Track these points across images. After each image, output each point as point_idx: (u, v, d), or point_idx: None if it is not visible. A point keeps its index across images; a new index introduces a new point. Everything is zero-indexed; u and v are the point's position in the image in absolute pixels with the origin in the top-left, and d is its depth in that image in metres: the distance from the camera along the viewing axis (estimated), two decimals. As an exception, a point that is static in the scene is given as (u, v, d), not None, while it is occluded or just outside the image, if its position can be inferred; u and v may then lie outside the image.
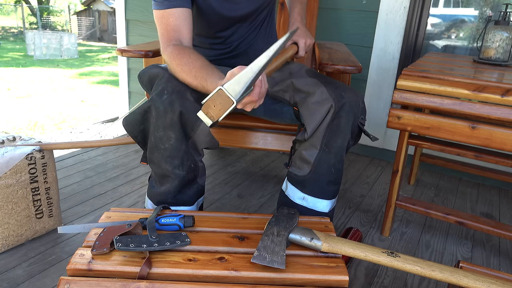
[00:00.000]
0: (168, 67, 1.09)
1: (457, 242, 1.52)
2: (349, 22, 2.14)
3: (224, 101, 0.78)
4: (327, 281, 0.83)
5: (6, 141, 1.28)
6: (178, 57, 1.04)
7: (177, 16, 1.10)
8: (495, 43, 1.53)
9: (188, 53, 1.05)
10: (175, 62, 1.04)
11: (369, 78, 2.16)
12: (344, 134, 1.08)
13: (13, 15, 18.57)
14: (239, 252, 0.90)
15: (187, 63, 1.02)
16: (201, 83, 0.99)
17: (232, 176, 1.98)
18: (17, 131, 3.78)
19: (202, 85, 0.99)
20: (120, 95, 3.06)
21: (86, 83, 6.55)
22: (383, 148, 2.26)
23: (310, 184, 1.13)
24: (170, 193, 1.10)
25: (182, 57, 1.04)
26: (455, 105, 1.22)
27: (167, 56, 1.08)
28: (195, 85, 1.01)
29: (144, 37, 2.75)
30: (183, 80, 1.03)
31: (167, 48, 1.09)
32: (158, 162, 1.07)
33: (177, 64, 1.04)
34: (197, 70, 1.00)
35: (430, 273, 0.82)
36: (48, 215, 1.39)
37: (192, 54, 1.05)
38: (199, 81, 0.99)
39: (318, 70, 1.35)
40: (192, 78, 1.01)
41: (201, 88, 1.00)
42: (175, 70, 1.05)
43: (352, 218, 1.64)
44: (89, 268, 0.82)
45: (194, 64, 1.01)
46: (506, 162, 1.43)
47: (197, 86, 1.01)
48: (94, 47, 12.91)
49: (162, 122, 1.01)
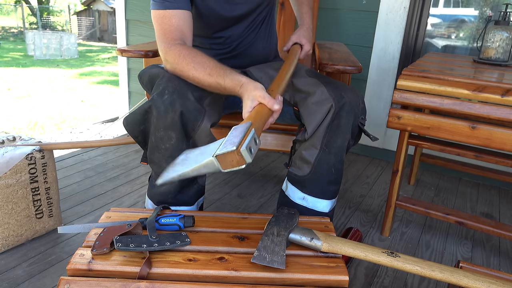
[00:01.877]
0: (171, 66, 1.08)
1: (457, 242, 1.52)
2: (349, 22, 2.14)
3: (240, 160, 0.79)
4: (327, 281, 0.83)
5: (6, 141, 1.28)
6: (189, 56, 1.05)
7: (180, 17, 1.10)
8: (495, 43, 1.53)
9: (200, 53, 1.06)
10: (185, 61, 1.05)
11: (369, 78, 2.16)
12: (344, 134, 1.08)
13: (13, 15, 18.57)
14: (239, 252, 0.90)
15: (200, 62, 1.04)
16: (217, 80, 1.01)
17: (232, 176, 1.98)
18: (17, 131, 3.78)
19: (217, 81, 1.01)
20: (120, 95, 3.06)
21: (86, 83, 6.55)
22: (383, 148, 2.26)
23: (310, 184, 1.13)
24: (170, 193, 1.10)
25: (194, 56, 1.05)
26: (455, 105, 1.22)
27: (175, 55, 1.07)
28: (209, 82, 1.02)
29: (144, 37, 2.75)
30: (194, 78, 1.04)
31: (173, 47, 1.08)
32: (159, 162, 1.07)
33: (187, 63, 1.04)
34: (211, 69, 1.02)
35: (430, 273, 0.82)
36: (48, 215, 1.39)
37: (201, 53, 1.07)
38: (214, 78, 1.01)
39: (318, 70, 1.35)
40: (207, 76, 1.02)
41: (216, 85, 1.02)
42: (184, 69, 1.05)
43: (352, 218, 1.64)
44: (89, 268, 0.82)
45: (207, 63, 1.03)
46: (506, 162, 1.43)
47: (210, 84, 1.02)
48: (94, 47, 12.91)
49: (163, 122, 1.01)
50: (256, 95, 0.93)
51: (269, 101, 0.92)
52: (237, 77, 0.99)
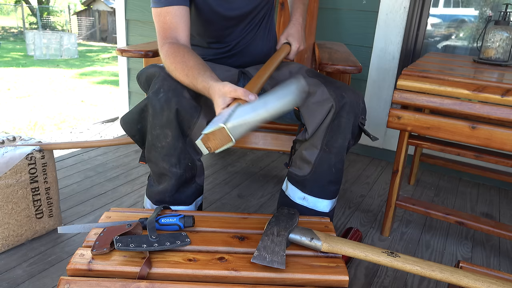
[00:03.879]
0: (164, 64, 1.09)
1: (457, 242, 1.52)
2: (349, 22, 2.14)
3: (224, 138, 0.81)
4: (327, 281, 0.83)
5: (6, 141, 1.28)
6: (173, 56, 1.05)
7: (174, 14, 1.10)
8: (495, 43, 1.53)
9: (183, 52, 1.05)
10: (169, 60, 1.05)
11: (369, 78, 2.16)
12: (344, 134, 1.08)
13: (13, 15, 18.58)
14: (239, 252, 0.90)
15: (181, 61, 1.03)
16: (192, 82, 1.00)
17: (232, 176, 1.98)
18: (17, 131, 3.78)
19: (192, 83, 1.00)
20: (120, 95, 3.06)
21: (86, 83, 6.55)
22: (383, 148, 2.26)
23: (311, 184, 1.13)
24: (167, 192, 1.10)
25: (176, 55, 1.05)
26: (455, 105, 1.22)
27: (163, 54, 1.08)
28: (187, 83, 1.02)
29: (144, 37, 2.75)
30: (177, 78, 1.04)
31: (163, 46, 1.09)
32: (156, 161, 1.07)
33: (171, 63, 1.05)
34: (189, 69, 1.01)
35: (430, 273, 0.82)
36: (48, 215, 1.39)
37: (186, 53, 1.05)
38: (190, 79, 1.00)
39: (318, 70, 1.35)
40: (184, 76, 1.01)
41: (192, 86, 1.01)
42: (169, 69, 1.06)
43: (352, 218, 1.64)
44: (89, 268, 0.82)
45: (187, 63, 1.02)
46: (506, 162, 1.43)
47: (188, 85, 1.02)
48: (94, 47, 12.91)
49: (158, 120, 1.01)
50: (226, 91, 0.89)
51: (242, 92, 0.87)
52: (207, 79, 0.96)
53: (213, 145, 0.81)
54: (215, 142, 0.81)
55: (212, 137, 0.81)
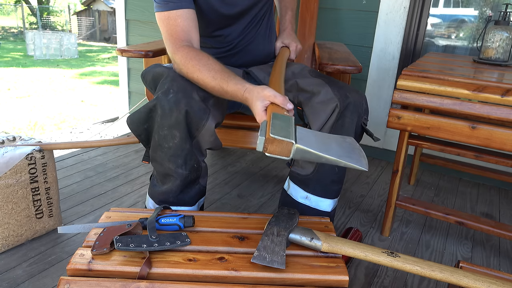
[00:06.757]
0: (178, 66, 1.09)
1: (457, 242, 1.52)
2: (349, 22, 2.14)
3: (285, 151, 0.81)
4: (327, 281, 0.83)
5: (6, 141, 1.28)
6: (196, 59, 1.05)
7: (185, 17, 1.10)
8: (495, 43, 1.53)
9: (207, 56, 1.07)
10: (192, 63, 1.05)
11: (369, 78, 2.16)
12: (348, 134, 1.09)
13: (13, 15, 18.57)
14: (239, 252, 0.90)
15: (206, 64, 1.04)
16: (220, 84, 1.01)
17: (232, 176, 1.98)
18: (17, 131, 3.78)
19: (220, 85, 1.01)
20: (120, 95, 3.06)
21: (86, 83, 6.55)
22: (383, 148, 2.26)
23: (314, 183, 1.13)
24: (172, 193, 1.10)
25: (200, 58, 1.06)
26: (455, 105, 1.22)
27: (181, 56, 1.07)
28: (212, 85, 1.03)
29: (144, 37, 2.75)
30: (199, 79, 1.04)
31: (180, 49, 1.08)
32: (161, 161, 1.07)
33: (193, 65, 1.05)
34: (215, 72, 1.03)
35: (430, 273, 0.82)
36: (48, 215, 1.39)
37: (209, 57, 1.07)
38: (218, 82, 1.02)
39: (318, 70, 1.35)
40: (210, 78, 1.03)
41: (219, 88, 1.02)
42: (190, 70, 1.06)
43: (352, 218, 1.64)
44: (89, 268, 0.82)
45: (213, 66, 1.04)
46: (506, 162, 1.43)
47: (214, 87, 1.03)
48: (94, 47, 12.92)
49: (167, 121, 1.01)
50: (266, 94, 0.92)
51: (282, 100, 0.90)
52: (242, 82, 0.99)
53: (271, 149, 0.82)
54: (275, 148, 0.81)
55: (277, 143, 0.81)
